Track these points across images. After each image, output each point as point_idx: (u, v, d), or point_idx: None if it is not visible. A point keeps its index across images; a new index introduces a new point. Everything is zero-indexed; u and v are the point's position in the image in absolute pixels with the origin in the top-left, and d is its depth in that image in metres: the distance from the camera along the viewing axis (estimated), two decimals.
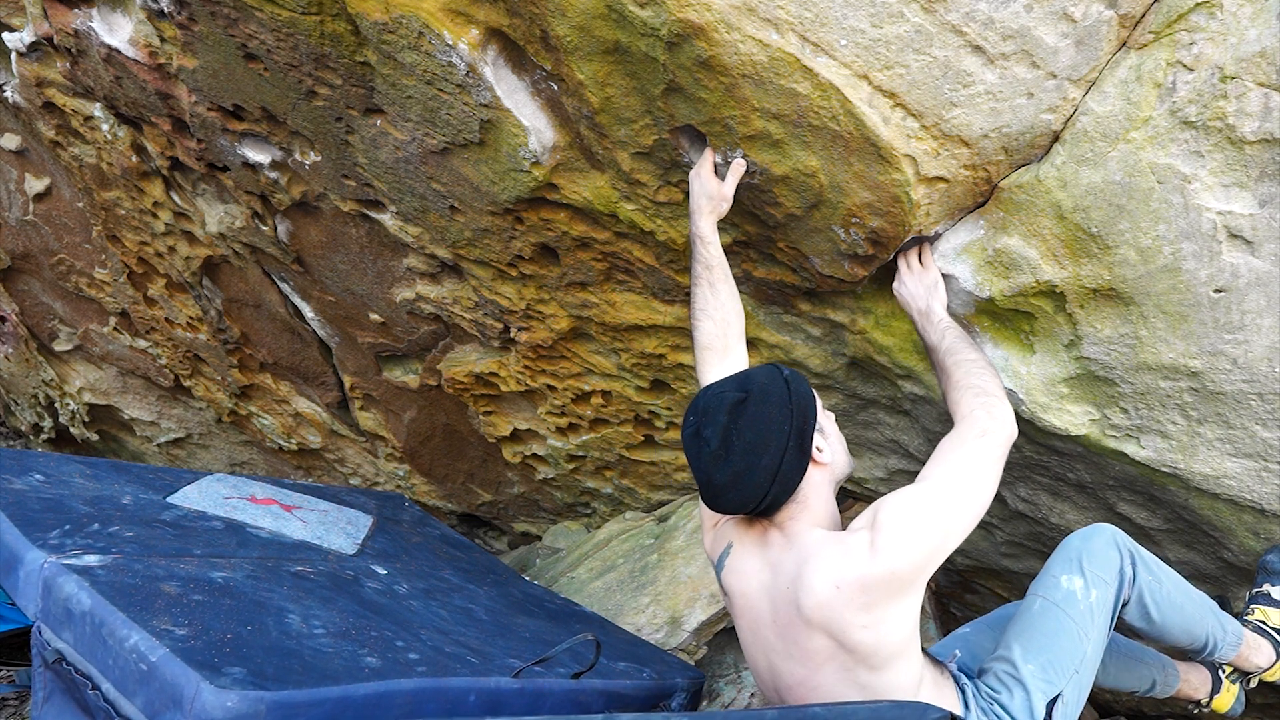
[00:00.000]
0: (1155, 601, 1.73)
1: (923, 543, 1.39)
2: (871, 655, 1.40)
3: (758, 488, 1.46)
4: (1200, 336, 1.68)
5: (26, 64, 2.57)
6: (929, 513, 1.42)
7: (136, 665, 1.26)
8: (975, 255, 1.77)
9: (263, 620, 1.46)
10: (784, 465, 1.47)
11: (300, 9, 1.86)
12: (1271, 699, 2.57)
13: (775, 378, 1.53)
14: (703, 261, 1.78)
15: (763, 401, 1.49)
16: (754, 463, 1.45)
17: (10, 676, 2.68)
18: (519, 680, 1.55)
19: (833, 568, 1.40)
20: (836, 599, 1.38)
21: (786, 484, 1.48)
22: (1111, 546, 1.70)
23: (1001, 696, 1.61)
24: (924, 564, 1.40)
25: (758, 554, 1.54)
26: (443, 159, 2.06)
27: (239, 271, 2.99)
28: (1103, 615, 1.68)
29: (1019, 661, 1.64)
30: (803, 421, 1.50)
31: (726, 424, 1.47)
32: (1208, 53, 1.49)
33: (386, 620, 1.64)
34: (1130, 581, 1.71)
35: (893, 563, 1.37)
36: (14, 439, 4.75)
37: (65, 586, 1.40)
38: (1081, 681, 1.64)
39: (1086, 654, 1.65)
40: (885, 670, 1.42)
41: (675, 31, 1.54)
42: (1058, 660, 1.63)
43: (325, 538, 2.05)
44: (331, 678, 1.32)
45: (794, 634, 1.45)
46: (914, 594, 1.41)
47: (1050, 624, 1.66)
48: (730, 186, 1.74)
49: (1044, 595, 1.70)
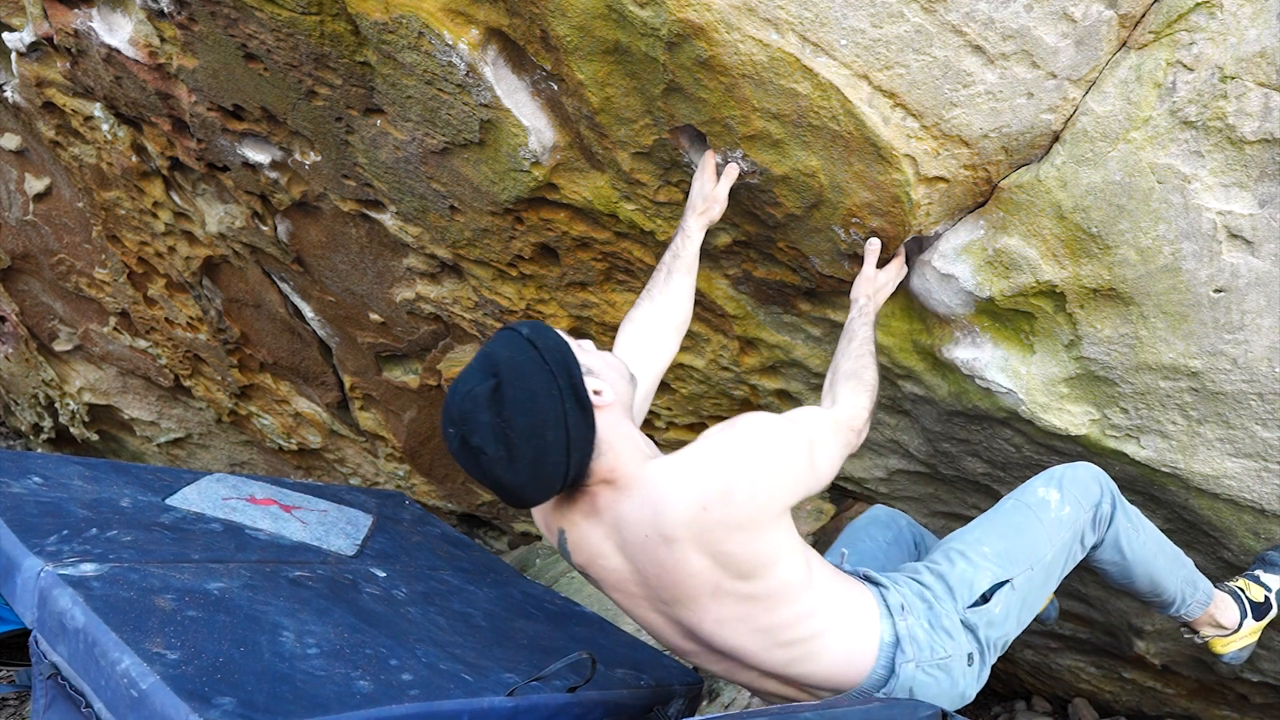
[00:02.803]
0: (1130, 547, 1.73)
1: (774, 464, 1.38)
2: (747, 563, 1.38)
3: (556, 467, 1.35)
4: (1200, 336, 1.68)
5: (26, 64, 2.57)
6: (783, 440, 1.41)
7: (127, 690, 1.26)
8: (975, 255, 1.77)
9: (256, 640, 1.45)
10: (571, 431, 1.35)
11: (300, 9, 1.86)
12: (1271, 699, 2.57)
13: (518, 345, 1.38)
14: (673, 251, 1.79)
15: (518, 378, 1.34)
16: (541, 446, 1.33)
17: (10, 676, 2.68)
18: (513, 699, 1.54)
19: (689, 488, 1.34)
20: (704, 517, 1.33)
21: (583, 447, 1.37)
22: (1094, 481, 1.70)
23: (940, 566, 1.61)
24: (774, 483, 1.38)
25: (594, 521, 1.45)
26: (443, 159, 2.06)
27: (239, 271, 2.99)
28: (1071, 533, 1.67)
29: (974, 542, 1.64)
30: (568, 376, 1.37)
31: (492, 421, 1.32)
32: (1208, 53, 1.49)
33: (382, 634, 1.63)
34: (1106, 521, 1.70)
35: (746, 474, 1.35)
36: (14, 439, 4.75)
37: (60, 600, 1.40)
38: (1034, 581, 1.62)
39: (1046, 558, 1.63)
40: (767, 575, 1.41)
41: (675, 31, 1.54)
42: (1016, 551, 1.62)
43: (325, 539, 2.05)
44: (323, 706, 1.32)
45: (671, 573, 1.39)
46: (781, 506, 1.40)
47: (1018, 520, 1.67)
48: (722, 189, 1.74)
49: (1017, 498, 1.71)
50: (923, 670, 1.51)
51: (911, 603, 1.56)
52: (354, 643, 1.56)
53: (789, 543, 1.45)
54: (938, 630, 1.54)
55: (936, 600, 1.57)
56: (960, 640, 1.55)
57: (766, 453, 1.39)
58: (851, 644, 1.50)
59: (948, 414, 2.08)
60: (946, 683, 1.54)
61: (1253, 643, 1.96)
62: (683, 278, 1.78)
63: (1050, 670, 3.12)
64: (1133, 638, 2.63)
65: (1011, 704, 3.42)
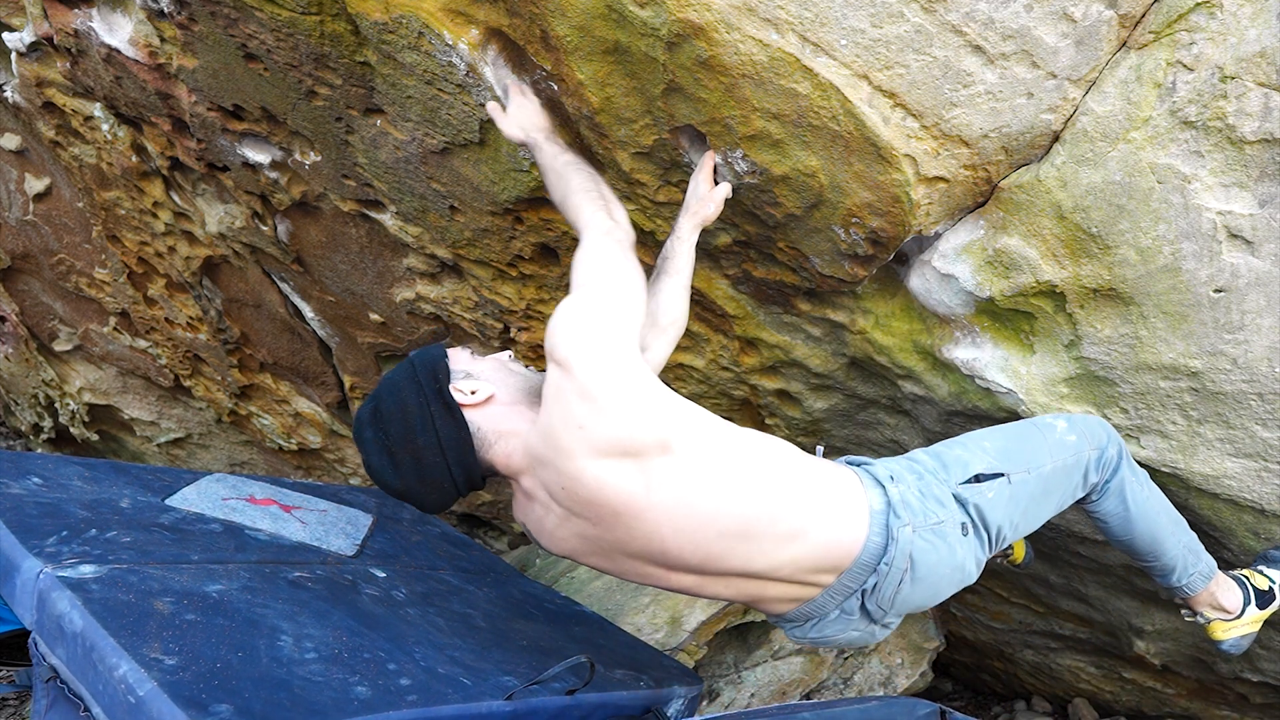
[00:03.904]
0: (1135, 500, 1.74)
1: (595, 332, 1.38)
2: (650, 435, 1.37)
3: (437, 466, 1.44)
4: (1200, 336, 1.68)
5: (26, 64, 2.57)
6: (587, 309, 1.41)
7: (125, 696, 1.25)
8: (975, 255, 1.77)
9: (254, 644, 1.44)
10: (441, 432, 1.43)
11: (300, 9, 1.86)
12: (1271, 699, 2.57)
13: (401, 366, 1.50)
14: (663, 252, 1.81)
15: (393, 392, 1.46)
16: (416, 450, 1.43)
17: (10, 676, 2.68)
18: (511, 703, 1.54)
19: (560, 422, 1.36)
20: (584, 435, 1.35)
21: (458, 444, 1.44)
22: (1103, 429, 1.74)
23: (937, 449, 1.62)
24: (608, 350, 1.38)
25: (533, 504, 1.51)
26: (443, 159, 2.06)
27: (239, 271, 2.99)
28: (1073, 458, 1.67)
29: (975, 438, 1.66)
30: (433, 382, 1.45)
31: (374, 437, 1.45)
32: (1208, 53, 1.49)
33: (381, 637, 1.63)
34: (1112, 467, 1.71)
35: (585, 363, 1.35)
36: (14, 439, 4.75)
37: (59, 604, 1.39)
38: (1029, 487, 1.62)
39: (1045, 469, 1.64)
40: (704, 447, 1.42)
41: (675, 31, 1.54)
42: (1015, 452, 1.64)
43: (324, 539, 2.05)
44: (320, 713, 1.31)
45: (601, 501, 1.40)
46: (631, 371, 1.38)
47: (1022, 430, 1.70)
48: (718, 193, 1.75)
49: (1025, 419, 1.73)
50: (920, 535, 1.51)
51: (900, 473, 1.57)
52: (352, 646, 1.56)
53: (685, 407, 1.45)
54: (928, 498, 1.54)
55: (927, 472, 1.58)
56: (952, 509, 1.55)
57: (589, 335, 1.39)
58: (839, 518, 1.50)
59: (948, 414, 2.08)
60: (944, 549, 1.53)
61: (1253, 633, 1.94)
62: (670, 279, 1.78)
63: (1050, 670, 3.12)
64: (1133, 638, 2.63)
65: (1011, 704, 3.42)
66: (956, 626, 3.20)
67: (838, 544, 1.50)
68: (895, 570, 1.51)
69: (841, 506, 1.51)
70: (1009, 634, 3.04)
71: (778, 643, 2.72)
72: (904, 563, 1.50)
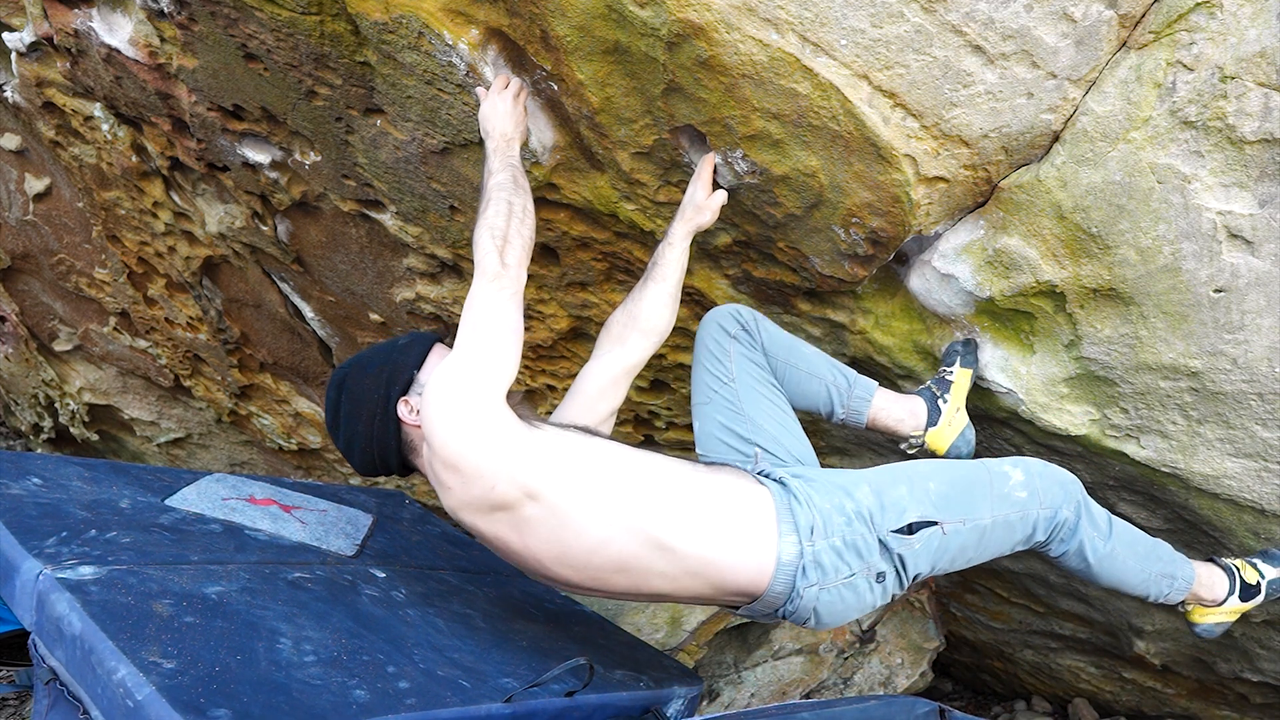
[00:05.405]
0: (1096, 556, 1.71)
1: (458, 404, 1.47)
2: (533, 490, 1.45)
3: (365, 452, 1.61)
4: (1200, 336, 1.68)
5: (26, 64, 2.57)
6: (454, 379, 1.49)
7: (123, 700, 1.25)
8: (975, 255, 1.77)
9: (253, 647, 1.44)
10: (375, 431, 1.59)
11: (300, 9, 1.86)
12: (1271, 699, 2.57)
13: (380, 348, 1.66)
14: (654, 258, 1.83)
15: (359, 374, 1.62)
16: (353, 431, 1.61)
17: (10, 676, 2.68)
18: (510, 705, 1.54)
19: (436, 484, 1.51)
20: (454, 496, 1.48)
21: (387, 448, 1.59)
22: (1062, 488, 1.66)
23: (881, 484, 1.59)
24: (468, 420, 1.46)
25: None
26: (443, 159, 2.06)
27: (239, 271, 2.99)
28: (1017, 515, 1.63)
29: (923, 475, 1.62)
30: (390, 388, 1.59)
31: (335, 398, 1.64)
32: (1208, 53, 1.49)
33: (380, 639, 1.63)
34: (1069, 530, 1.67)
35: (446, 438, 1.45)
36: (14, 439, 4.75)
37: (58, 606, 1.39)
38: (963, 537, 1.59)
39: (982, 522, 1.60)
40: (575, 491, 1.47)
41: (675, 31, 1.54)
42: (955, 500, 1.60)
43: (324, 539, 2.05)
44: (319, 717, 1.31)
45: (496, 549, 1.54)
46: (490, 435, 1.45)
47: (971, 475, 1.65)
48: (715, 200, 1.77)
49: (983, 461, 1.69)
50: (826, 591, 1.53)
51: (827, 522, 1.53)
52: (351, 649, 1.56)
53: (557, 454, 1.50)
54: (848, 550, 1.53)
55: (858, 517, 1.54)
56: (872, 559, 1.54)
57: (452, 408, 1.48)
58: (737, 562, 1.51)
59: None
60: (852, 599, 1.55)
61: (1230, 621, 1.94)
62: (656, 285, 1.81)
63: (1050, 670, 3.12)
64: (1133, 638, 2.63)
65: (1011, 704, 3.42)
66: (956, 626, 3.20)
67: (734, 584, 1.53)
68: (800, 614, 1.56)
69: (743, 549, 1.51)
70: (1009, 634, 3.04)
71: (778, 643, 2.72)
72: (807, 613, 1.55)
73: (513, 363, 1.53)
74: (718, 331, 1.83)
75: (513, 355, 1.53)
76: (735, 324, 1.83)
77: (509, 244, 1.60)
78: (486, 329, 1.53)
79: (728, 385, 1.81)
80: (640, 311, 1.82)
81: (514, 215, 1.63)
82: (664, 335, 1.85)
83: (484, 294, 1.55)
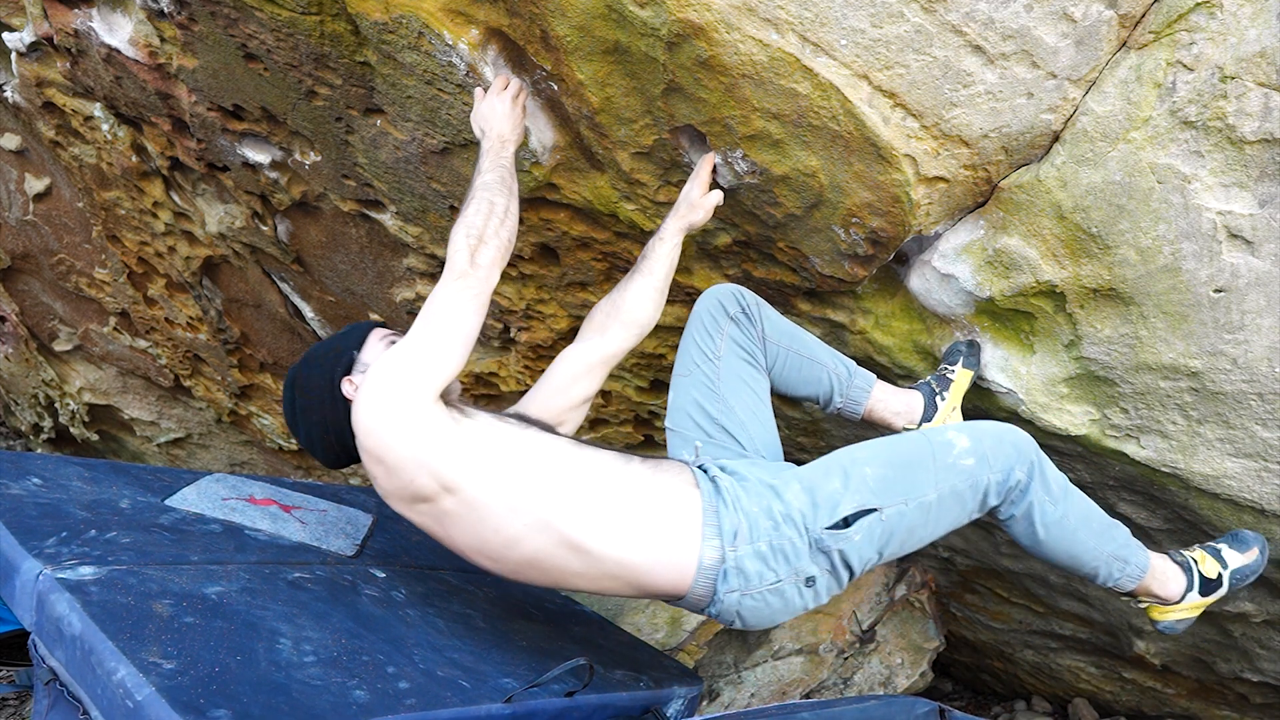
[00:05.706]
0: (1045, 523, 1.61)
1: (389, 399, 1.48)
2: (451, 484, 1.47)
3: (323, 441, 1.67)
4: (1200, 336, 1.68)
5: (26, 64, 2.57)
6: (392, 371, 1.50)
7: (123, 701, 1.25)
8: (975, 255, 1.77)
9: (253, 648, 1.44)
10: (328, 417, 1.64)
11: (300, 9, 1.86)
12: (1271, 699, 2.58)
13: (330, 343, 1.70)
14: (644, 251, 1.85)
15: (307, 369, 1.67)
16: (309, 422, 1.66)
17: (10, 676, 2.68)
18: (510, 705, 1.54)
19: (369, 473, 1.52)
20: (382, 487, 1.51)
21: (342, 430, 1.62)
22: (1014, 447, 1.58)
23: (814, 481, 1.54)
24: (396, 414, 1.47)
25: None
26: (443, 159, 2.06)
27: (239, 271, 2.99)
28: (966, 484, 1.55)
29: (861, 460, 1.56)
30: (335, 371, 1.64)
31: (290, 397, 1.69)
32: (1208, 53, 1.49)
33: (380, 639, 1.63)
34: (1021, 491, 1.58)
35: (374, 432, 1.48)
36: (14, 439, 4.75)
37: (58, 606, 1.39)
38: (906, 518, 1.52)
39: (927, 498, 1.53)
40: (493, 486, 1.48)
41: (675, 31, 1.54)
42: (896, 481, 1.53)
43: (324, 539, 2.05)
44: (318, 717, 1.31)
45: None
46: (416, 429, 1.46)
47: (911, 451, 1.57)
48: (710, 199, 1.77)
49: (924, 432, 1.63)
50: (749, 598, 1.51)
51: (753, 526, 1.50)
52: (351, 649, 1.56)
53: (481, 449, 1.50)
54: (775, 555, 1.49)
55: (786, 521, 1.50)
56: (801, 564, 1.50)
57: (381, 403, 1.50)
58: (656, 563, 1.50)
59: None
60: (778, 604, 1.52)
61: (1193, 617, 1.83)
62: (642, 279, 1.82)
63: (1050, 670, 3.13)
64: (1133, 638, 2.63)
65: (1011, 704, 3.42)
66: (956, 626, 3.20)
67: (654, 587, 1.53)
68: (724, 616, 1.55)
69: (663, 552, 1.50)
70: (1009, 634, 3.04)
71: (778, 643, 2.72)
72: (731, 616, 1.54)
73: (455, 362, 1.53)
74: (716, 308, 1.81)
75: (457, 355, 1.53)
76: (736, 305, 1.81)
77: (483, 244, 1.58)
78: (437, 326, 1.52)
79: (711, 363, 1.80)
80: (624, 303, 1.82)
81: (494, 216, 1.62)
82: (645, 329, 1.85)
83: (445, 292, 1.55)
